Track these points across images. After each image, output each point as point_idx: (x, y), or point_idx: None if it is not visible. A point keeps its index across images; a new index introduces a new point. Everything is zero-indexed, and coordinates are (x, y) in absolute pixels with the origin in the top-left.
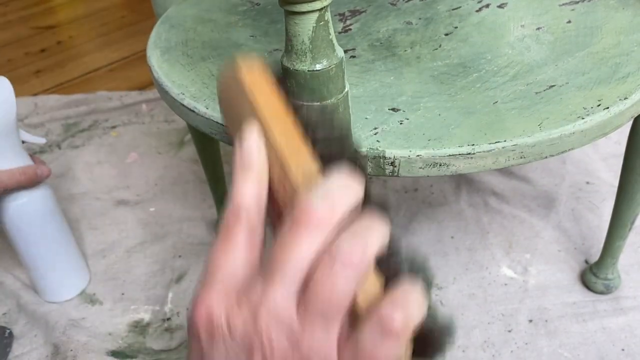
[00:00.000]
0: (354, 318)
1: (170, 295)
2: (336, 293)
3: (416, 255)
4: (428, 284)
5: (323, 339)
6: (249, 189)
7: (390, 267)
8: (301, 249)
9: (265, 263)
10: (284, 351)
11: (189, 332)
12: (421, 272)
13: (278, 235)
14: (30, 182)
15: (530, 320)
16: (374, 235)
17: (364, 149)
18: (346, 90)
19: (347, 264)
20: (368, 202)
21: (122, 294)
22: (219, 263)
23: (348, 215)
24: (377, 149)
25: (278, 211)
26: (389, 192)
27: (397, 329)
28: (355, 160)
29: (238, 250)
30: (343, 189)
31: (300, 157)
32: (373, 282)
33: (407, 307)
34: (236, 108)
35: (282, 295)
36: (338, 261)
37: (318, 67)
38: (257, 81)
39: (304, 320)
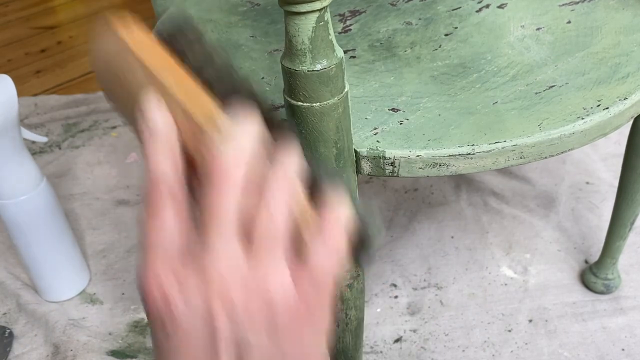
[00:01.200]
0: (296, 245)
1: None
2: (274, 225)
3: (326, 170)
4: (346, 193)
5: (276, 271)
6: (162, 158)
7: (311, 187)
8: (226, 200)
9: (198, 220)
10: (242, 294)
11: (146, 309)
12: (336, 183)
13: (199, 189)
14: None
15: (530, 320)
16: (292, 164)
17: (364, 149)
18: (346, 90)
19: (276, 197)
20: (277, 126)
21: (122, 293)
22: (154, 237)
23: (259, 149)
24: (377, 149)
25: (192, 162)
26: (388, 192)
27: (337, 239)
28: (250, 93)
29: (167, 220)
30: (243, 124)
31: (200, 101)
32: (304, 206)
33: (339, 215)
34: (119, 74)
35: (222, 245)
36: (267, 197)
37: (318, 67)
38: (138, 38)
39: (253, 260)
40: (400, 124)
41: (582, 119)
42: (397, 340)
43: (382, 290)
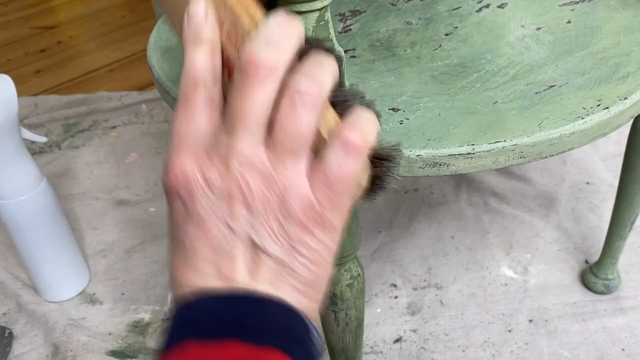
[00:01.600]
0: (317, 149)
1: (170, 295)
2: (300, 129)
3: (358, 89)
4: (374, 110)
5: (295, 172)
6: (203, 59)
7: (341, 99)
8: (257, 96)
9: (226, 118)
10: (261, 190)
11: (168, 195)
12: (367, 101)
13: (232, 87)
14: None
15: (530, 320)
16: (326, 71)
17: None
18: None
19: (306, 101)
20: (314, 44)
21: (122, 294)
22: (184, 128)
23: (295, 53)
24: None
25: (229, 69)
26: (388, 192)
27: (358, 145)
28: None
29: (199, 114)
30: (284, 29)
31: (249, 8)
32: (330, 114)
33: (364, 127)
34: None
35: (248, 142)
36: (298, 100)
37: None
38: None
39: (275, 159)
40: (401, 123)
41: (582, 118)
42: (397, 341)
43: (382, 290)
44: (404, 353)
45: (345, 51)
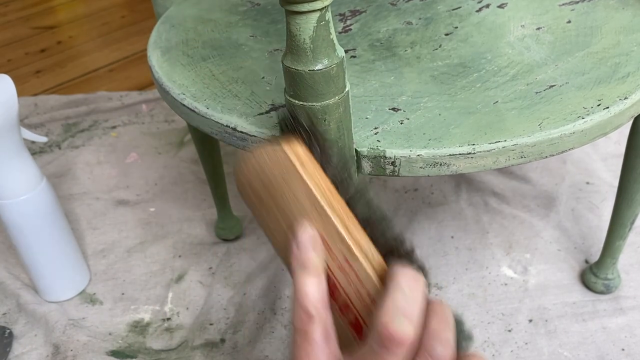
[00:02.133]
0: None
1: (170, 295)
2: None
3: (461, 323)
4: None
5: None
6: (313, 288)
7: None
8: None
9: None
10: None
11: None
12: (470, 339)
13: (369, 350)
14: None
15: (530, 320)
16: (452, 329)
17: (364, 149)
18: (347, 90)
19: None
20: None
21: (122, 293)
22: None
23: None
24: (377, 149)
25: (335, 294)
26: (388, 192)
27: None
28: (399, 242)
29: (319, 347)
30: (415, 294)
31: (365, 247)
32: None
33: None
34: (273, 190)
35: None
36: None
37: (319, 66)
38: (301, 157)
39: None
40: (401, 123)
41: (582, 118)
42: None
43: None
44: None
45: (346, 51)
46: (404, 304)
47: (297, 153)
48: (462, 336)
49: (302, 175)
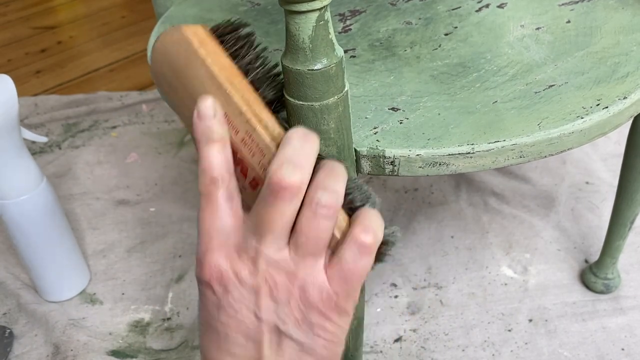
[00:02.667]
0: (331, 246)
1: (170, 295)
2: (320, 235)
3: (361, 186)
4: (376, 205)
5: (315, 270)
6: (218, 158)
7: (348, 199)
8: (285, 211)
9: (255, 224)
10: (286, 285)
11: (201, 286)
12: (370, 198)
13: (260, 200)
14: None
15: (530, 320)
16: (340, 181)
17: (364, 148)
18: (346, 89)
19: (325, 212)
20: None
21: (122, 293)
22: (211, 226)
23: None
24: (377, 149)
25: (242, 167)
26: (388, 192)
27: (371, 245)
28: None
29: (224, 212)
30: (305, 148)
31: (261, 114)
32: (341, 215)
33: (375, 227)
34: (180, 72)
35: (275, 247)
36: (319, 211)
37: (318, 66)
38: (205, 42)
39: (297, 258)
40: (400, 123)
41: (582, 118)
42: (397, 340)
43: (382, 290)
44: (404, 352)
45: (345, 51)
46: (291, 154)
47: (198, 34)
48: (359, 193)
49: (199, 54)
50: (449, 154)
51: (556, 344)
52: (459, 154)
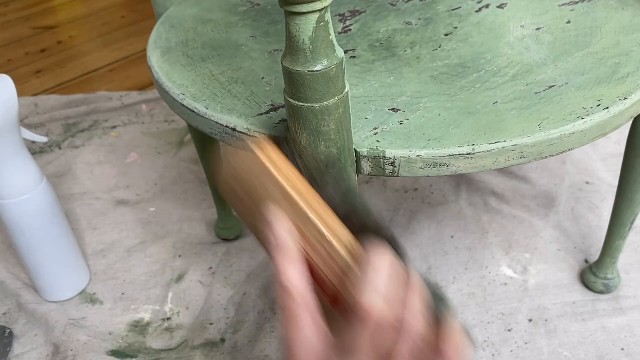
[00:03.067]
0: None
1: (170, 295)
2: (408, 354)
3: (441, 292)
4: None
5: None
6: (294, 271)
7: (432, 308)
8: (367, 339)
9: (342, 345)
10: None
11: None
12: (447, 307)
13: (349, 325)
14: None
15: (530, 320)
16: (422, 300)
17: (364, 149)
18: (346, 90)
19: (412, 334)
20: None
21: (122, 293)
22: (297, 344)
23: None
24: (377, 149)
25: (319, 280)
26: (388, 192)
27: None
28: (379, 228)
29: (307, 328)
30: (391, 272)
31: (338, 231)
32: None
33: (462, 348)
34: (252, 190)
35: None
36: (407, 335)
37: (318, 67)
38: (274, 159)
39: None
40: (401, 124)
41: (582, 118)
42: None
43: None
44: None
45: (346, 52)
46: (381, 286)
47: (268, 154)
48: (437, 300)
49: (271, 172)
50: (450, 155)
51: (556, 344)
52: (460, 154)
